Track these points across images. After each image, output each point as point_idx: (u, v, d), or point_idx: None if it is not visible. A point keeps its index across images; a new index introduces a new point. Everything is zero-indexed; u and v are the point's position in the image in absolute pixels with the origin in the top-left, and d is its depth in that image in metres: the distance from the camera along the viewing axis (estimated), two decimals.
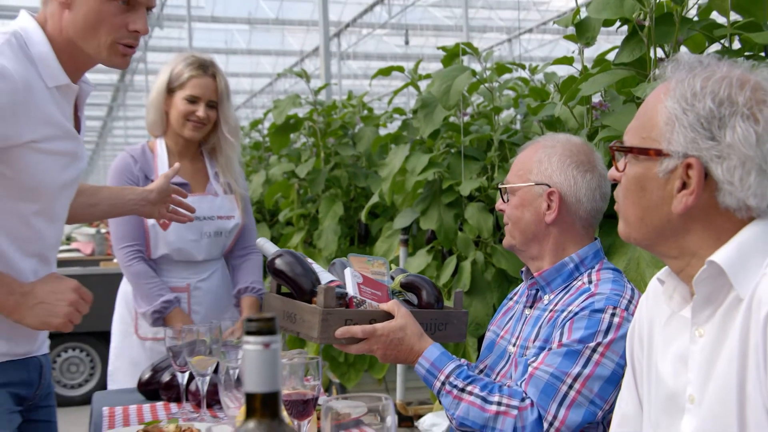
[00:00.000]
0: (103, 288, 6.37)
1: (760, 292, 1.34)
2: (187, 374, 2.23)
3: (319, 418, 1.87)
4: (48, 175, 1.99)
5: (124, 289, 3.10)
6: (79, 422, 2.32)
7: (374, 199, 4.44)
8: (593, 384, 1.89)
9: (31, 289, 1.97)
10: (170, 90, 2.98)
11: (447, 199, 3.76)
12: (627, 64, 2.56)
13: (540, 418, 1.88)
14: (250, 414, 0.98)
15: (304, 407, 1.68)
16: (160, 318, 2.91)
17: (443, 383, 1.97)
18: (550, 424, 1.86)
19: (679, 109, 1.42)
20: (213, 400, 2.21)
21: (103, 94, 25.68)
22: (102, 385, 6.60)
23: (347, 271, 2.17)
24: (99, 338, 6.64)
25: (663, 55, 2.59)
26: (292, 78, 13.44)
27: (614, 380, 1.89)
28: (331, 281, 2.14)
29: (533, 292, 2.16)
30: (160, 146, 3.04)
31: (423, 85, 4.19)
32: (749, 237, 1.41)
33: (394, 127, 5.28)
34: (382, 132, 5.24)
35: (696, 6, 2.61)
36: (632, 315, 1.86)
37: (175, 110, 2.98)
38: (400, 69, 4.27)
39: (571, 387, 1.89)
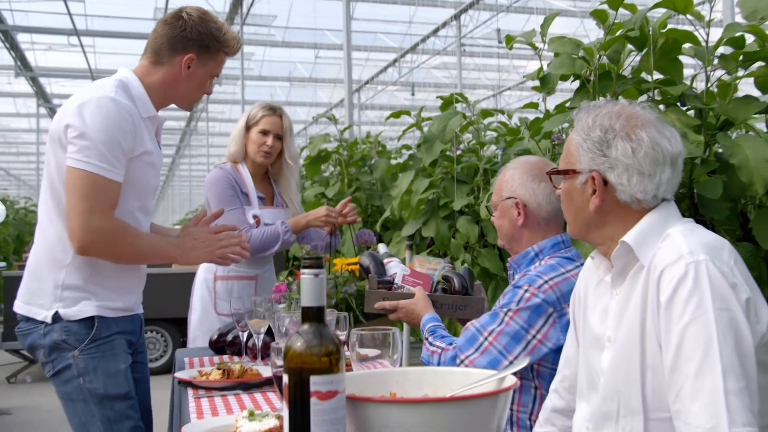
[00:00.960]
0: (173, 284, 6.54)
1: (656, 260, 1.44)
2: (246, 333, 2.31)
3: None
4: (147, 179, 2.17)
5: (203, 276, 3.20)
6: (155, 387, 2.44)
7: (386, 213, 4.48)
8: (502, 339, 1.98)
9: (181, 242, 2.19)
10: (248, 127, 3.14)
11: (443, 213, 3.85)
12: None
13: (455, 357, 2.01)
14: (304, 320, 1.11)
15: None
16: (290, 233, 3.08)
17: (425, 336, 2.16)
18: (461, 361, 1.99)
19: (581, 139, 1.57)
20: (265, 353, 2.29)
21: (173, 136, 25.80)
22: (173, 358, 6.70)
23: (398, 266, 2.51)
24: (170, 323, 6.73)
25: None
26: (323, 123, 13.51)
27: (517, 338, 1.97)
28: (392, 275, 2.46)
29: (511, 272, 2.25)
30: (244, 170, 3.17)
31: (425, 126, 4.30)
32: (647, 223, 1.52)
33: (402, 158, 5.36)
34: (393, 162, 5.28)
35: (630, 66, 2.73)
36: (544, 293, 1.99)
37: (251, 142, 3.13)
38: (407, 113, 4.35)
39: (485, 338, 1.99)
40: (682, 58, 2.56)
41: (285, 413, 1.07)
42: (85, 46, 14.26)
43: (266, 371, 2.05)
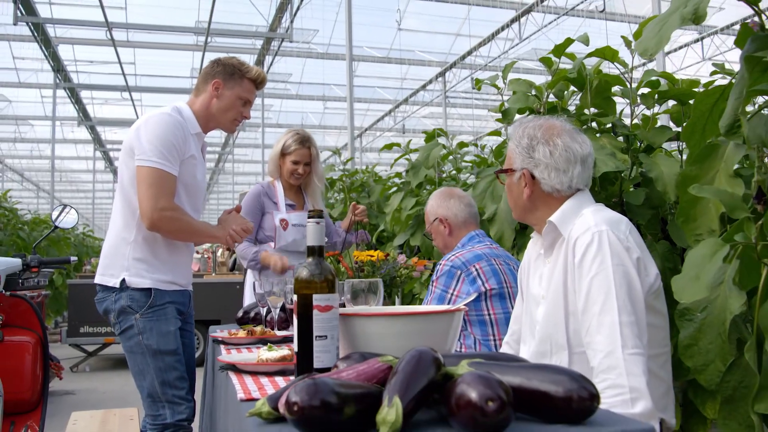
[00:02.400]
0: (206, 292, 6.64)
1: (572, 233, 1.60)
2: (265, 309, 2.33)
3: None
4: (196, 180, 2.35)
5: (250, 280, 3.32)
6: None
7: (381, 227, 4.58)
8: (434, 302, 2.22)
9: (223, 225, 2.37)
10: (283, 154, 3.27)
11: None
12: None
13: None
14: (309, 255, 1.25)
15: None
16: (255, 263, 3.16)
17: None
18: None
19: (514, 145, 1.76)
20: (281, 326, 2.34)
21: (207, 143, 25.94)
22: (204, 353, 6.76)
23: None
24: (204, 324, 6.79)
25: None
26: (329, 157, 13.68)
27: (441, 298, 2.21)
28: None
29: None
30: (278, 184, 3.31)
31: (412, 156, 4.42)
32: (567, 206, 1.67)
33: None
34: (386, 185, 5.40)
35: (574, 103, 2.88)
36: (451, 261, 2.22)
37: (285, 167, 3.27)
38: (398, 145, 4.46)
39: (425, 304, 2.19)
40: (614, 97, 2.72)
41: (294, 324, 1.19)
42: (134, 100, 14.50)
43: (281, 334, 2.17)
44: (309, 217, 1.25)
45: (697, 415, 1.95)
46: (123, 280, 2.23)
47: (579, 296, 1.51)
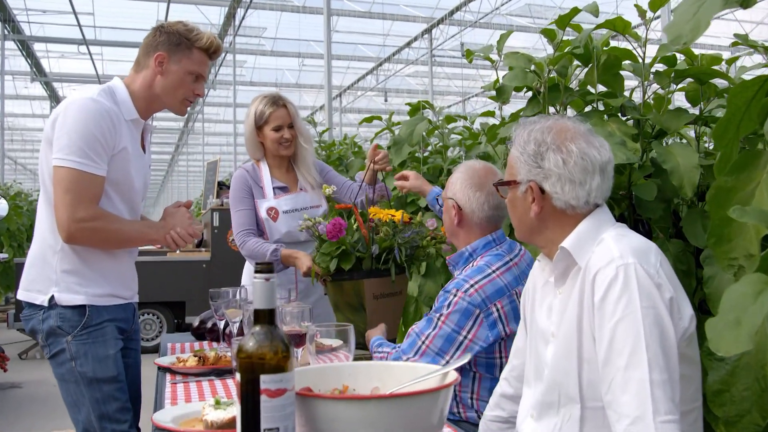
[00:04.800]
0: (168, 270, 6.45)
1: (591, 263, 1.42)
2: (223, 322, 2.21)
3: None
4: (130, 178, 2.10)
5: (249, 267, 3.04)
6: (150, 365, 2.36)
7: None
8: (437, 341, 1.91)
9: (164, 224, 2.14)
10: (259, 127, 2.89)
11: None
12: (530, 116, 2.60)
13: (398, 359, 1.95)
14: (256, 322, 1.04)
15: (299, 339, 1.69)
16: (277, 261, 2.77)
17: (373, 351, 2.07)
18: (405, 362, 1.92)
19: (518, 152, 1.54)
20: None
21: (172, 136, 25.52)
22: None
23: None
24: (165, 306, 6.61)
25: (554, 112, 2.66)
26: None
27: (450, 340, 1.91)
28: None
29: (451, 269, 2.17)
30: (264, 165, 2.95)
31: (395, 129, 4.24)
32: (583, 228, 1.49)
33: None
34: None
35: (577, 80, 2.69)
36: (470, 296, 1.91)
37: (268, 139, 2.88)
38: (379, 118, 4.26)
39: (423, 342, 1.93)
40: (623, 73, 2.54)
41: (237, 408, 1.01)
42: (93, 54, 14.04)
43: None
44: (256, 272, 1.04)
45: None
46: (52, 297, 2.01)
47: (600, 343, 1.35)
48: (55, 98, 18.40)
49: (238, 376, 1.00)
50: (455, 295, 1.93)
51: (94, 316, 2.03)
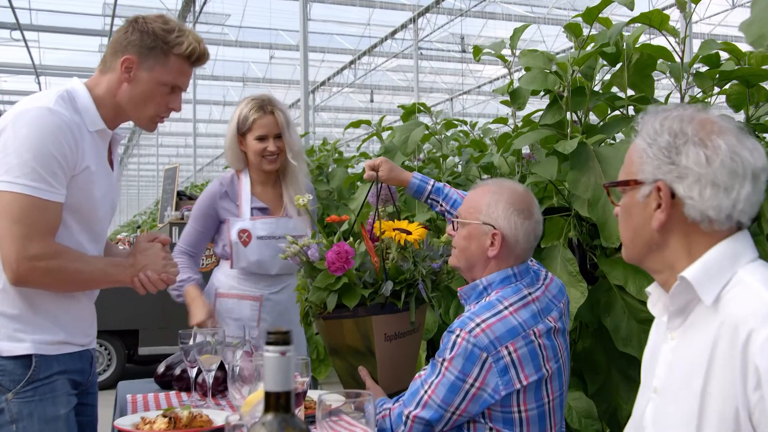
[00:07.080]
0: (119, 295, 6.25)
1: (736, 311, 1.22)
2: (195, 369, 2.10)
3: (307, 408, 1.85)
4: (93, 202, 1.93)
5: (207, 290, 2.86)
6: (99, 404, 2.20)
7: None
8: (440, 391, 1.82)
9: (133, 262, 1.96)
10: (241, 134, 2.77)
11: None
12: (549, 124, 2.52)
13: (401, 414, 1.86)
14: (267, 408, 0.93)
15: (295, 398, 1.63)
16: (178, 294, 2.69)
17: (376, 413, 1.94)
18: (407, 417, 1.84)
19: (645, 144, 1.35)
20: (216, 391, 2.12)
21: (121, 134, 25.26)
22: (118, 373, 6.38)
23: None
24: (115, 335, 6.42)
25: (576, 119, 2.59)
26: None
27: (454, 389, 1.81)
28: None
29: (462, 302, 2.05)
30: (245, 178, 2.81)
31: (384, 134, 4.15)
32: (714, 256, 1.30)
33: (360, 167, 5.12)
34: (351, 171, 5.07)
35: (600, 82, 2.62)
36: (474, 337, 1.79)
37: (250, 150, 2.76)
38: (368, 122, 4.17)
39: (426, 392, 1.84)
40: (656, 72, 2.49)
41: None
42: (29, 41, 13.78)
43: (218, 417, 1.86)
44: (268, 343, 0.91)
45: None
46: None
47: None
48: None
49: None
50: (459, 336, 1.83)
51: (41, 368, 1.86)
